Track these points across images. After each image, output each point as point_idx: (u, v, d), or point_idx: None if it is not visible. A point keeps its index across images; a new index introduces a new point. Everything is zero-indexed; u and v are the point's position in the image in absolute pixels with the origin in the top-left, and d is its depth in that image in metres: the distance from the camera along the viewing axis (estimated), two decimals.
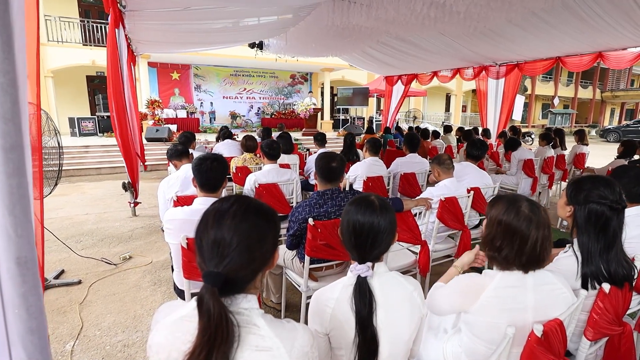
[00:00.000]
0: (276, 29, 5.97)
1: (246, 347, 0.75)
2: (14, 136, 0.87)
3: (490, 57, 7.26)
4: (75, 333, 2.40)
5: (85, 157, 8.90)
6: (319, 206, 2.11)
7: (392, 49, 7.24)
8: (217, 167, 1.94)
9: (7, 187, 0.87)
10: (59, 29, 11.84)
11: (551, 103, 24.81)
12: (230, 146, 5.27)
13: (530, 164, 4.69)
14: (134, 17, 4.31)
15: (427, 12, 4.55)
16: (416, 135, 4.38)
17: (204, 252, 0.79)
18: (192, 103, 14.62)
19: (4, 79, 0.84)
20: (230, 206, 0.83)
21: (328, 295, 1.12)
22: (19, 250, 0.90)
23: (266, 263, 0.85)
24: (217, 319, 0.70)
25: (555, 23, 4.82)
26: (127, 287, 3.01)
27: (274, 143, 3.31)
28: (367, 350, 1.07)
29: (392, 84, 10.59)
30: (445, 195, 2.61)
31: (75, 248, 3.70)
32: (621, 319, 1.41)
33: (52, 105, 11.59)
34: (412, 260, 2.57)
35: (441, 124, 15.97)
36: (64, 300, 2.79)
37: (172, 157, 3.23)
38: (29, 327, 0.92)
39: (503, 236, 1.16)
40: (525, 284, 1.16)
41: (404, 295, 1.14)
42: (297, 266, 2.29)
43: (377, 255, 1.14)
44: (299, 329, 0.85)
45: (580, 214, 1.39)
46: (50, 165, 3.26)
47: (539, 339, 1.07)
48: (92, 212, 5.11)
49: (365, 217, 1.12)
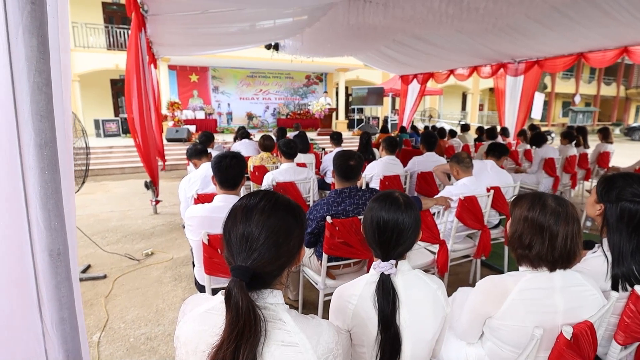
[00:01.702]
0: (292, 29, 6.00)
1: (272, 342, 0.76)
2: (47, 133, 0.90)
3: (508, 54, 7.10)
4: (101, 325, 2.48)
5: (110, 157, 9.18)
6: (337, 204, 2.11)
7: (408, 48, 7.17)
8: (235, 164, 1.97)
9: (40, 182, 0.90)
10: (85, 35, 12.28)
11: (572, 101, 24.05)
12: (247, 146, 5.34)
13: (551, 163, 4.57)
14: (155, 21, 4.42)
15: (445, 9, 4.49)
16: (434, 134, 4.33)
17: (233, 246, 0.80)
18: (210, 104, 14.84)
19: (40, 77, 0.87)
20: (258, 201, 0.83)
21: (350, 291, 1.12)
22: (52, 243, 0.93)
23: (293, 259, 0.86)
24: (246, 313, 0.71)
25: (577, 18, 4.66)
26: (149, 282, 3.08)
27: (291, 142, 3.33)
28: (390, 348, 1.06)
29: (408, 83, 10.48)
30: (465, 194, 2.57)
31: (100, 244, 3.81)
32: None
33: (79, 107, 11.99)
34: (431, 260, 2.54)
35: (457, 123, 15.70)
36: (90, 294, 2.88)
37: (191, 156, 3.29)
38: (61, 316, 0.96)
39: (531, 233, 1.13)
40: (553, 286, 1.12)
41: (427, 294, 1.13)
42: (315, 264, 2.30)
43: (401, 253, 1.13)
44: (324, 325, 0.85)
45: (612, 213, 1.34)
46: (78, 165, 3.38)
47: (569, 342, 1.03)
48: (116, 210, 5.25)
49: (390, 214, 1.11)
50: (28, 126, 0.88)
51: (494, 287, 1.18)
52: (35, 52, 0.87)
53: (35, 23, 0.86)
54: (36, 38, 0.86)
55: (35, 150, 0.89)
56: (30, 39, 0.85)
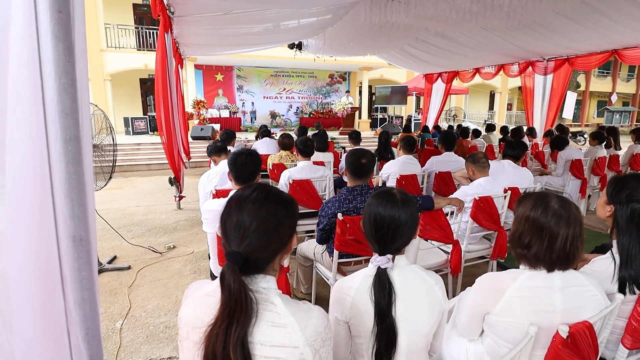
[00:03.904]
0: (314, 29, 6.06)
1: (263, 322, 0.82)
2: (72, 129, 0.99)
3: (537, 52, 6.87)
4: (124, 313, 2.63)
5: (137, 154, 9.58)
6: (348, 202, 2.14)
7: (431, 46, 7.07)
8: (251, 161, 2.04)
9: (65, 174, 1.00)
10: (116, 36, 12.81)
11: (608, 100, 22.87)
12: (268, 144, 5.45)
13: (578, 165, 4.40)
14: (181, 23, 4.59)
15: (469, 7, 4.41)
16: (453, 134, 4.27)
17: (228, 233, 0.87)
18: (235, 103, 15.16)
19: (66, 79, 0.96)
20: (251, 193, 0.90)
21: (349, 284, 1.16)
22: (75, 230, 1.03)
23: (284, 246, 0.92)
24: (237, 293, 0.77)
25: (609, 12, 4.46)
26: (170, 274, 3.23)
27: (308, 141, 3.38)
28: (386, 340, 1.09)
29: (432, 82, 10.32)
30: (480, 194, 2.54)
31: (126, 237, 4.01)
32: None
33: (109, 105, 12.52)
34: (444, 260, 2.53)
35: (483, 122, 15.29)
36: (115, 283, 3.05)
37: (211, 153, 3.42)
38: (82, 296, 1.05)
39: (531, 233, 1.14)
40: (552, 285, 1.12)
41: (424, 288, 1.15)
42: (327, 260, 2.34)
43: (398, 248, 1.16)
44: (313, 310, 0.90)
45: (622, 214, 1.32)
46: (106, 161, 3.58)
47: (565, 341, 1.03)
48: (142, 205, 5.50)
49: (387, 210, 1.14)
50: (55, 123, 0.98)
51: (492, 284, 1.19)
52: (62, 55, 0.96)
53: (62, 30, 0.95)
54: (62, 43, 0.95)
55: (61, 145, 0.99)
56: (57, 44, 0.94)
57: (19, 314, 1.03)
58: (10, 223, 1.01)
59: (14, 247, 1.01)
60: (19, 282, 1.03)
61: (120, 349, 2.25)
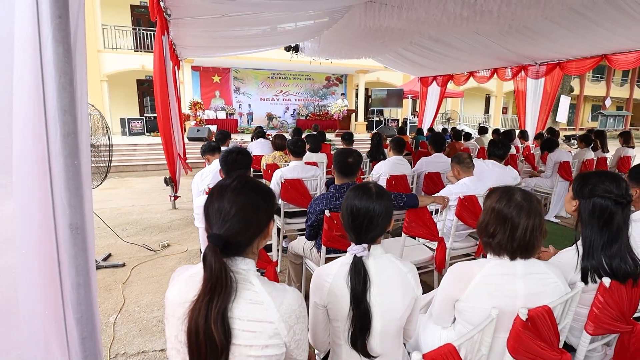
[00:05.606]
0: (311, 32, 6.15)
1: (241, 300, 0.90)
2: (70, 125, 1.08)
3: (529, 56, 7.00)
4: (118, 308, 2.69)
5: (134, 154, 9.63)
6: (336, 199, 2.23)
7: (426, 50, 7.19)
8: (241, 159, 2.13)
9: (64, 166, 1.08)
10: (114, 37, 12.86)
11: (602, 104, 23.12)
12: (262, 145, 5.54)
13: (566, 166, 4.51)
14: (178, 25, 4.67)
15: (460, 11, 4.51)
16: (442, 136, 4.37)
17: (210, 218, 0.96)
18: (232, 105, 15.24)
19: (64, 79, 1.05)
20: (231, 182, 0.99)
21: (327, 271, 1.24)
22: (71, 218, 1.10)
23: (261, 231, 1.00)
24: (217, 271, 0.85)
25: (597, 19, 4.59)
26: (164, 271, 3.29)
27: (299, 141, 3.47)
28: (361, 323, 1.17)
29: (427, 85, 10.46)
30: (464, 193, 2.63)
31: (121, 235, 4.07)
32: (628, 316, 1.41)
33: (106, 106, 12.55)
34: (429, 256, 2.62)
35: (478, 125, 15.44)
36: (109, 280, 3.11)
37: (205, 152, 3.50)
38: (77, 281, 1.13)
39: (496, 222, 1.23)
40: (515, 272, 1.21)
41: (397, 276, 1.24)
42: (315, 256, 2.42)
43: (373, 238, 1.24)
44: (288, 290, 0.98)
45: (585, 208, 1.40)
46: (102, 161, 3.65)
47: (525, 323, 1.12)
48: (138, 204, 5.56)
49: (362, 202, 1.23)
50: (55, 119, 1.06)
51: (461, 272, 1.27)
52: (61, 57, 1.04)
53: (61, 33, 1.03)
54: (62, 45, 1.03)
55: (60, 139, 1.07)
56: (57, 47, 1.02)
57: (24, 300, 1.11)
58: (16, 218, 1.09)
59: (20, 236, 1.09)
60: (24, 271, 1.11)
61: (113, 341, 2.32)
